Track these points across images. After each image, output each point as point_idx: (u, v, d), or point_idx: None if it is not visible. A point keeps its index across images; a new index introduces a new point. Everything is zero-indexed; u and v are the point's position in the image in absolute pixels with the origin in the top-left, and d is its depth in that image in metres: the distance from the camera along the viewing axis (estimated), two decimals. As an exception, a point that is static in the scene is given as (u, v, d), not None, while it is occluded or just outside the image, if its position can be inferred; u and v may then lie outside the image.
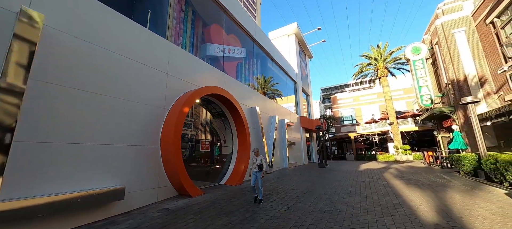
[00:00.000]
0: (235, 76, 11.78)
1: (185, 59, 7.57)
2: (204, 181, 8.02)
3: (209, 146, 8.52)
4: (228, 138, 9.63)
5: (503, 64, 12.20)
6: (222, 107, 9.22)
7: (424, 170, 11.02)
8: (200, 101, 8.60)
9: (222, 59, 10.60)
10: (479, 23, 13.83)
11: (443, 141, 18.14)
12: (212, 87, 7.80)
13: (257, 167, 5.47)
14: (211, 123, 9.55)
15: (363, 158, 25.48)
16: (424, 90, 17.05)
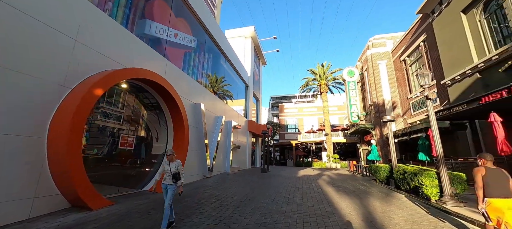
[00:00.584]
0: (181, 66, 10.37)
1: (111, 30, 5.89)
2: (121, 187, 6.36)
3: (133, 143, 6.89)
4: (162, 135, 8.17)
5: (409, 94, 15.29)
6: (158, 99, 7.75)
7: (350, 178, 12.43)
8: (128, 87, 6.92)
9: (165, 43, 9.08)
10: (395, 59, 17.04)
11: (363, 153, 21.45)
12: (145, 70, 6.36)
13: (171, 177, 3.87)
14: (142, 115, 7.89)
15: (301, 164, 27.53)
16: (354, 108, 19.75)
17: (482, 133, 9.03)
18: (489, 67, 8.57)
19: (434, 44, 12.10)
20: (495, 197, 3.11)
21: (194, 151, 9.61)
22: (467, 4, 9.55)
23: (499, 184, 3.16)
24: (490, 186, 3.19)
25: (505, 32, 8.28)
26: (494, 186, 3.17)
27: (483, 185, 3.25)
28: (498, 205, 3.07)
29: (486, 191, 3.21)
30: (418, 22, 13.58)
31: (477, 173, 3.32)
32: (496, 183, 3.17)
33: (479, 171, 3.33)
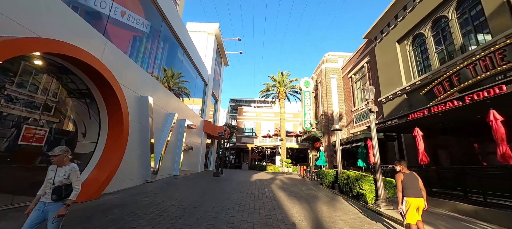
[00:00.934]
0: (128, 52, 8.88)
1: (18, -16, 4.39)
2: (18, 196, 4.75)
3: (44, 138, 5.32)
4: (92, 130, 6.66)
5: (353, 107, 17.17)
6: (89, 85, 6.30)
7: (300, 182, 12.99)
8: (45, 65, 5.34)
9: (107, 19, 7.58)
10: (344, 76, 19.01)
11: (312, 158, 23.09)
12: (71, 46, 5.01)
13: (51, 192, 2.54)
14: (64, 103, 6.24)
15: (256, 167, 27.78)
16: (307, 116, 21.08)
17: (406, 145, 10.72)
18: (413, 90, 10.30)
19: (375, 66, 13.98)
20: (410, 197, 3.75)
21: (135, 151, 8.27)
22: (400, 36, 11.35)
23: (413, 186, 3.81)
24: (407, 188, 3.82)
25: (426, 64, 10.12)
26: (409, 187, 3.81)
27: (402, 188, 3.87)
28: (411, 202, 3.71)
29: (404, 192, 3.83)
30: (364, 46, 15.53)
31: (398, 179, 3.95)
32: (411, 185, 3.83)
33: (399, 177, 3.95)
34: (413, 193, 3.74)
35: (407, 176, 3.92)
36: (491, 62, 6.68)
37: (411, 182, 3.84)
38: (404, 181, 3.88)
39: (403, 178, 3.90)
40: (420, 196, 3.72)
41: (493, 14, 7.09)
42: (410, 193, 3.76)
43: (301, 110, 21.85)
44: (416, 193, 3.73)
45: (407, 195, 3.78)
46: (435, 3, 9.21)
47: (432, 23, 9.65)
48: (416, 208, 3.67)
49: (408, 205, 3.71)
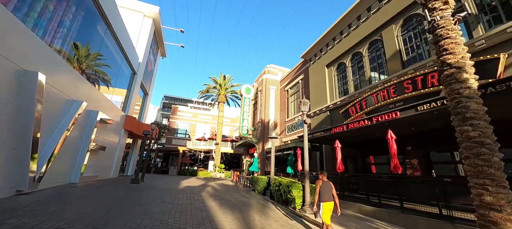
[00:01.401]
0: (9, 5, 6.12)
1: None
2: None
3: None
4: None
5: (286, 118, 18.65)
6: None
7: (233, 189, 12.69)
8: None
9: None
10: (281, 88, 20.54)
11: (246, 164, 23.49)
12: None
13: None
14: None
15: (186, 173, 25.61)
16: (245, 123, 21.36)
17: (325, 155, 12.40)
18: (334, 108, 12.14)
19: (308, 84, 15.79)
20: (325, 201, 4.47)
21: (4, 147, 5.65)
22: (329, 61, 13.32)
23: (327, 192, 4.55)
24: (323, 194, 4.52)
25: (345, 88, 12.17)
26: (325, 193, 4.53)
27: (319, 193, 4.56)
28: (325, 206, 4.45)
29: (321, 197, 4.52)
30: (300, 65, 17.36)
31: (317, 185, 4.66)
32: (326, 191, 4.55)
33: (318, 183, 4.67)
34: (327, 198, 4.49)
35: (324, 184, 4.63)
36: (387, 93, 8.65)
37: (327, 189, 4.57)
38: (321, 188, 4.58)
39: (321, 184, 4.62)
40: (332, 200, 4.52)
41: (390, 58, 9.31)
42: (325, 198, 4.48)
43: (240, 116, 21.98)
44: (329, 198, 4.51)
45: (323, 200, 4.48)
46: (355, 40, 11.33)
47: (351, 55, 11.79)
48: (328, 210, 4.45)
49: (323, 208, 4.45)
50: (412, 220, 5.33)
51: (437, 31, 3.75)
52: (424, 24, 8.19)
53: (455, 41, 3.55)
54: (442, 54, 3.66)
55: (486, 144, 3.05)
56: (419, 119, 5.96)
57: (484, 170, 3.00)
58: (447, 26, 3.65)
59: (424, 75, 7.38)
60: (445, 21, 3.68)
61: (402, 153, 8.31)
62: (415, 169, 7.62)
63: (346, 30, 12.10)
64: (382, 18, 9.83)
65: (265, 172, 18.17)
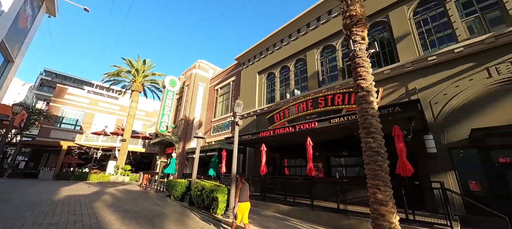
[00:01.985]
0: None
1: None
2: None
3: None
4: None
5: (213, 118, 17.99)
6: None
7: (141, 195, 10.58)
8: None
9: None
10: (211, 87, 19.76)
11: (160, 165, 20.65)
12: None
13: None
14: None
15: (69, 176, 19.32)
16: (165, 118, 18.83)
17: (248, 158, 12.79)
18: (261, 114, 12.83)
19: (238, 87, 15.95)
20: (242, 202, 4.77)
21: None
22: (261, 69, 14.04)
23: (245, 193, 4.88)
24: (242, 195, 4.83)
25: (272, 95, 13.13)
26: (243, 195, 4.84)
27: (238, 194, 4.84)
28: (243, 206, 4.76)
29: (239, 198, 4.81)
30: (233, 67, 17.36)
31: (239, 187, 4.93)
32: (244, 192, 4.88)
33: (239, 185, 4.95)
34: (245, 199, 4.82)
35: (243, 186, 4.95)
36: (306, 106, 10.00)
37: (245, 191, 4.90)
38: (241, 189, 4.87)
39: (241, 186, 4.90)
40: (248, 201, 4.87)
41: (311, 77, 10.90)
42: (243, 199, 4.80)
43: (160, 110, 19.18)
44: (247, 199, 4.86)
45: (241, 200, 4.78)
46: (285, 55, 12.56)
47: (281, 67, 12.95)
48: (245, 209, 4.78)
49: (239, 207, 4.73)
50: (318, 215, 6.20)
51: (356, 59, 4.57)
52: (336, 54, 10.18)
53: (367, 70, 4.43)
54: (357, 79, 4.46)
55: (380, 153, 3.91)
56: (330, 129, 7.16)
57: (378, 173, 3.80)
58: (363, 57, 4.51)
59: (333, 95, 9.06)
60: (362, 53, 4.54)
61: (312, 158, 9.80)
62: (320, 171, 9.13)
63: (279, 44, 13.22)
64: (308, 41, 11.42)
65: (183, 174, 16.60)
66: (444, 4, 7.37)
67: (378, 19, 8.92)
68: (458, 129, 6.16)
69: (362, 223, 5.30)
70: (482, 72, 6.14)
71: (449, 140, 6.27)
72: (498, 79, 5.84)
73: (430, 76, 6.99)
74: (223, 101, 17.69)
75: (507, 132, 5.11)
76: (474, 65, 6.31)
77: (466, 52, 6.41)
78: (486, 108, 5.83)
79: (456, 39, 6.86)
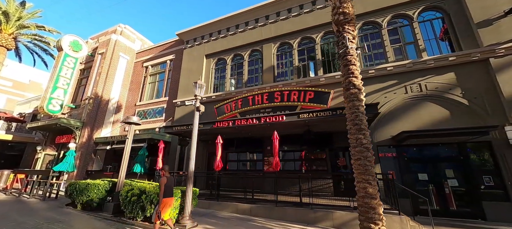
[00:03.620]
0: None
1: None
2: None
3: None
4: None
5: (138, 101, 14.52)
6: None
7: (16, 207, 6.72)
8: None
9: None
10: (137, 62, 15.89)
11: (45, 160, 14.53)
12: None
13: None
14: None
15: None
16: (58, 93, 13.37)
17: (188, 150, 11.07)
18: (208, 102, 11.42)
19: (178, 68, 13.57)
20: (167, 197, 4.47)
21: None
22: (210, 52, 12.51)
23: (170, 188, 4.61)
24: (166, 190, 4.45)
25: (221, 83, 11.96)
26: (168, 189, 4.51)
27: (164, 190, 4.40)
28: (167, 201, 4.47)
29: (165, 193, 4.40)
30: (173, 42, 14.60)
31: (163, 183, 4.43)
32: (170, 187, 4.58)
33: (163, 181, 4.44)
34: (170, 194, 4.52)
35: (168, 179, 4.56)
36: (261, 98, 9.71)
37: (170, 185, 4.60)
38: (166, 184, 4.45)
39: (166, 181, 4.49)
40: (173, 196, 4.63)
41: (266, 70, 10.72)
42: (167, 194, 4.45)
43: (50, 81, 13.36)
44: (171, 194, 4.58)
45: (166, 196, 4.41)
46: (240, 42, 11.75)
47: (233, 55, 12.02)
48: (169, 206, 4.52)
49: (164, 204, 4.37)
50: (283, 211, 6.02)
51: (348, 57, 4.61)
52: (293, 52, 10.49)
53: (357, 69, 4.54)
54: (349, 76, 4.51)
55: (369, 149, 4.07)
56: (293, 124, 7.16)
57: (369, 169, 3.95)
58: (354, 56, 4.59)
59: (289, 91, 9.24)
60: (353, 51, 4.61)
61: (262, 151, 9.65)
62: (271, 165, 9.11)
63: (233, 29, 12.21)
64: (266, 34, 11.17)
65: (87, 172, 12.38)
66: (380, 30, 9.07)
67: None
68: (384, 131, 7.71)
69: (327, 215, 5.54)
70: (402, 88, 7.97)
71: (378, 138, 7.74)
72: (411, 96, 7.75)
73: (368, 86, 8.40)
74: (155, 83, 14.57)
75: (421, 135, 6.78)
76: (397, 82, 8.10)
77: (394, 71, 8.13)
78: (404, 116, 7.59)
79: (386, 59, 8.59)
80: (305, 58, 10.35)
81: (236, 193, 7.48)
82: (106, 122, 13.73)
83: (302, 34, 10.50)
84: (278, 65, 10.82)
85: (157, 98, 13.71)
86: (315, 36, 10.18)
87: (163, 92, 13.75)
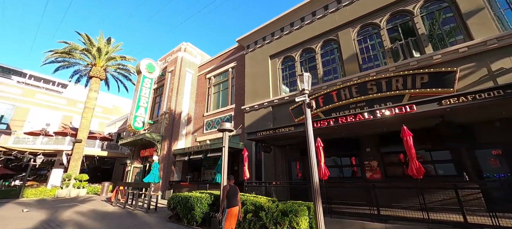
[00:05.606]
0: None
1: None
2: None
3: None
4: None
5: (206, 112, 14.89)
6: None
7: (132, 222, 7.10)
8: None
9: None
10: (200, 75, 16.52)
11: (133, 172, 16.31)
12: None
13: None
14: None
15: (-9, 194, 13.44)
16: (140, 111, 14.82)
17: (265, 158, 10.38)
18: (281, 104, 10.59)
19: (241, 74, 13.35)
20: (231, 207, 4.22)
21: None
22: (274, 52, 11.79)
23: (234, 197, 4.32)
24: (229, 199, 4.25)
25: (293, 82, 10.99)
26: (231, 199, 4.28)
27: (225, 198, 4.26)
28: (232, 212, 4.21)
29: (227, 203, 4.23)
30: (233, 50, 14.62)
31: (225, 189, 4.32)
32: (233, 196, 4.31)
33: (225, 188, 4.34)
34: (233, 204, 4.26)
35: (231, 188, 4.36)
36: (349, 92, 8.25)
37: (233, 194, 4.33)
38: (228, 192, 4.29)
39: (229, 189, 4.33)
40: (237, 205, 4.33)
41: (347, 60, 9.22)
42: (230, 204, 4.24)
43: (134, 102, 15.00)
44: (235, 204, 4.30)
45: (228, 206, 4.21)
46: (308, 35, 10.64)
47: (302, 50, 10.97)
48: (233, 216, 4.21)
49: (228, 213, 4.16)
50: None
51: None
52: (382, 33, 8.72)
53: None
54: None
55: None
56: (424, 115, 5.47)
57: None
58: None
59: (389, 78, 7.53)
60: None
61: (358, 154, 8.08)
62: (375, 171, 7.46)
63: (298, 23, 11.22)
64: (340, 19, 9.76)
65: (170, 183, 13.08)
66: (522, -24, 6.54)
67: (435, -6, 7.78)
68: None
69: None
70: None
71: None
72: None
73: (520, 54, 5.99)
74: (219, 92, 14.75)
75: None
76: None
77: None
78: None
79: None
80: (398, 37, 8.45)
81: (347, 206, 6.11)
82: (180, 135, 14.48)
83: (391, 9, 8.67)
84: (361, 51, 9.19)
85: (223, 107, 13.74)
86: (411, 7, 8.21)
87: (228, 100, 13.71)
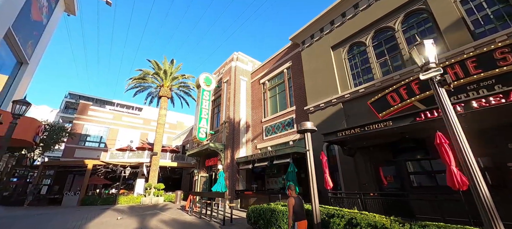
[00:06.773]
0: None
1: None
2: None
3: None
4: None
5: (263, 117, 14.43)
6: None
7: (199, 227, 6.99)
8: None
9: None
10: (254, 81, 16.34)
11: (200, 181, 17.23)
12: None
13: None
14: None
15: (95, 201, 16.38)
16: (203, 123, 15.57)
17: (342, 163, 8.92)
18: (354, 98, 9.04)
19: (298, 73, 12.38)
20: (299, 221, 4.03)
21: None
22: (336, 42, 10.39)
23: (301, 209, 4.12)
24: (297, 212, 4.05)
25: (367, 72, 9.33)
26: (299, 212, 4.07)
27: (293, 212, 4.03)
28: (301, 226, 4.04)
29: (296, 216, 4.03)
30: (286, 50, 13.90)
31: (291, 203, 4.05)
32: (300, 209, 4.10)
33: (291, 202, 4.06)
34: (301, 217, 4.03)
35: (297, 201, 4.11)
36: (461, 69, 6.12)
37: (300, 206, 4.10)
38: (295, 206, 4.03)
39: (294, 202, 4.06)
40: (305, 218, 4.09)
41: (448, 29, 7.06)
42: (299, 217, 4.01)
43: (196, 114, 15.99)
44: (303, 216, 4.09)
45: (298, 219, 4.00)
46: (381, 13, 8.87)
47: (374, 32, 9.23)
48: None
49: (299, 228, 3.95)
50: None
51: None
52: (505, -18, 6.30)
53: None
54: None
55: None
56: None
57: None
58: None
59: (536, 39, 5.15)
60: None
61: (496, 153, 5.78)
62: None
63: (365, 2, 9.58)
64: (428, -18, 7.67)
65: (236, 192, 12.98)
66: None
67: None
68: None
69: None
70: None
71: None
72: None
73: None
74: (276, 95, 14.14)
75: None
76: None
77: None
78: None
79: None
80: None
81: None
82: (241, 143, 14.43)
83: None
84: (469, 13, 6.89)
85: (282, 110, 12.98)
86: None
87: (287, 103, 12.88)
